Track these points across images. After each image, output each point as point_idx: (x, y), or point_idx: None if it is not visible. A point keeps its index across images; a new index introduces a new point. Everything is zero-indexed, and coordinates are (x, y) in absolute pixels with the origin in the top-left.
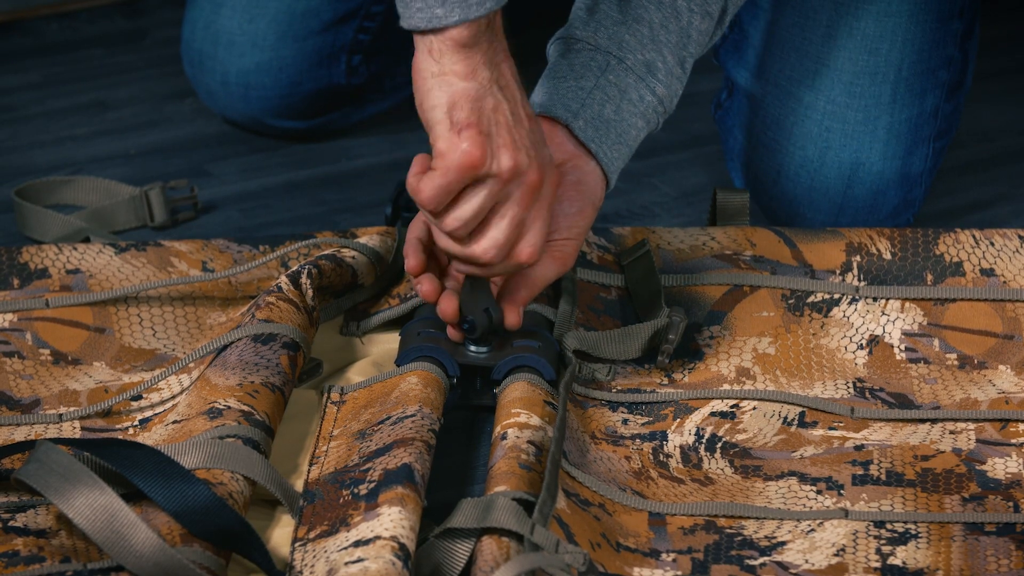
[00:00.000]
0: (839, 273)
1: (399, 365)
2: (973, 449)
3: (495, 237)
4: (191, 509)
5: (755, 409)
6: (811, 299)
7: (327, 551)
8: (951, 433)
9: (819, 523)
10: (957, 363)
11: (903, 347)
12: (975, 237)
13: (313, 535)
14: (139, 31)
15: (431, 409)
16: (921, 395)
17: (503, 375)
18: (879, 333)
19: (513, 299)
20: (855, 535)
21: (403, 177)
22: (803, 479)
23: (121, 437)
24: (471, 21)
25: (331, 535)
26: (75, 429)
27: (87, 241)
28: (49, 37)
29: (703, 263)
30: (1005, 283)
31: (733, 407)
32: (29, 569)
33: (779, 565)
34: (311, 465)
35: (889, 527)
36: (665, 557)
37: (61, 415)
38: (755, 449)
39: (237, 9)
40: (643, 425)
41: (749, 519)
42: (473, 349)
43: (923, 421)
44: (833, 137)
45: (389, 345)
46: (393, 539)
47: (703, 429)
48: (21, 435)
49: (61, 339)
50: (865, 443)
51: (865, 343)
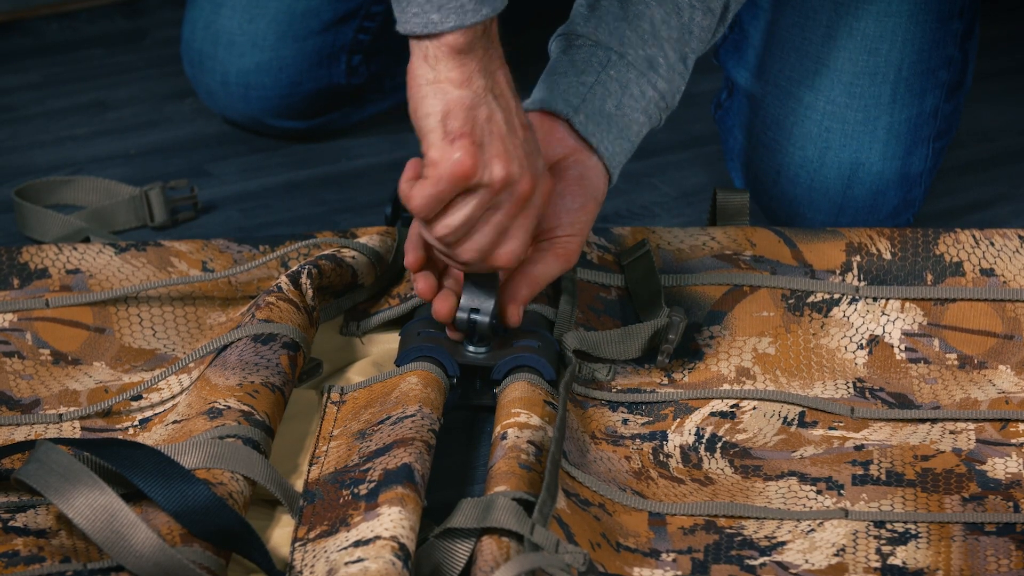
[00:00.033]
0: (839, 273)
1: (399, 365)
2: (973, 449)
3: (478, 242)
4: (191, 509)
5: (755, 409)
6: (811, 299)
7: (327, 551)
8: (951, 433)
9: (819, 523)
10: (957, 363)
11: (903, 347)
12: (975, 237)
13: (313, 535)
14: (139, 31)
15: (431, 409)
16: (921, 395)
17: (503, 375)
18: (879, 333)
19: (514, 297)
20: (855, 535)
21: None
22: (803, 479)
23: (121, 437)
24: (467, 27)
25: (331, 535)
26: (75, 429)
27: (87, 241)
28: (49, 37)
29: (703, 263)
30: (1005, 283)
31: (733, 407)
32: (29, 569)
33: (779, 565)
34: (311, 465)
35: (889, 527)
36: (665, 557)
37: (61, 415)
38: (755, 449)
39: (237, 9)
40: (643, 425)
41: (749, 519)
42: (472, 349)
43: (923, 421)
44: (833, 137)
45: (389, 345)
46: (393, 539)
47: (703, 429)
48: (21, 435)
49: (61, 339)
50: (865, 443)
51: (865, 343)
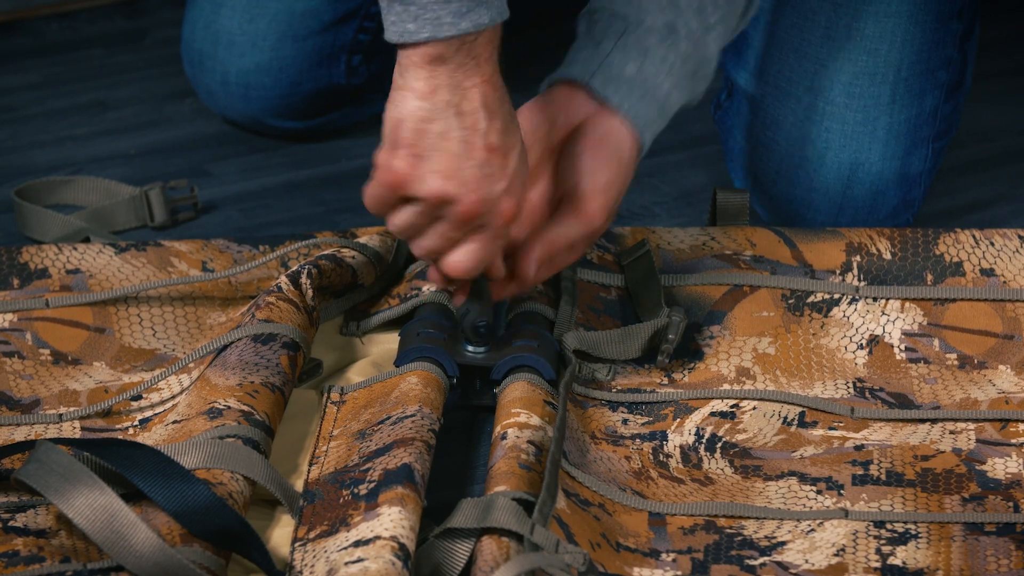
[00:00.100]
0: (839, 273)
1: (398, 365)
2: (973, 449)
3: (425, 245)
4: (191, 509)
5: (755, 409)
6: (811, 299)
7: (327, 551)
8: (951, 433)
9: (819, 523)
10: (957, 363)
11: (903, 347)
12: (975, 237)
13: (313, 535)
14: (139, 31)
15: (431, 409)
16: (921, 395)
17: (502, 375)
18: (879, 333)
19: (527, 256)
20: (855, 535)
21: None
22: (803, 479)
23: (121, 437)
24: (440, 40)
25: (331, 535)
26: (75, 429)
27: (87, 241)
28: (49, 37)
29: (703, 263)
30: (1005, 283)
31: (733, 407)
32: (29, 569)
33: (779, 565)
34: (311, 465)
35: (889, 527)
36: (665, 557)
37: (61, 415)
38: (755, 449)
39: (237, 9)
40: (643, 425)
41: (749, 519)
42: (472, 349)
43: (923, 421)
44: (832, 138)
45: (389, 345)
46: (393, 539)
47: (703, 429)
48: (21, 435)
49: (61, 339)
50: (865, 443)
51: (865, 343)
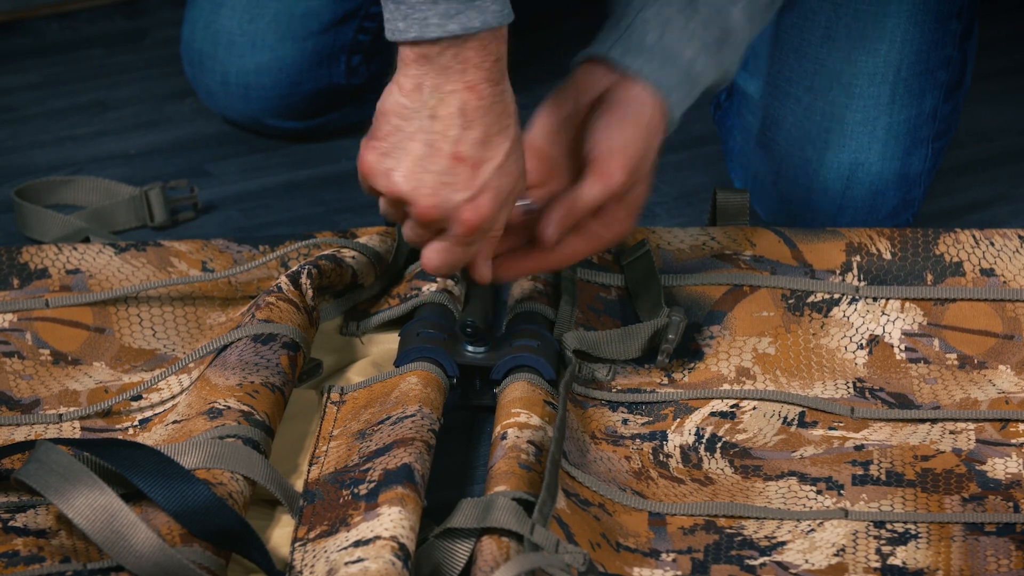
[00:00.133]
0: (839, 273)
1: (398, 366)
2: (973, 449)
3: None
4: (191, 509)
5: (755, 409)
6: (811, 299)
7: (327, 551)
8: (951, 433)
9: (819, 523)
10: (957, 363)
11: (903, 347)
12: (975, 237)
13: (313, 535)
14: (139, 31)
15: (431, 409)
16: (921, 395)
17: (502, 375)
18: (879, 333)
19: (548, 217)
20: (855, 535)
21: None
22: (803, 479)
23: (121, 437)
24: (426, 41)
25: (331, 535)
26: (75, 429)
27: (87, 241)
28: (49, 37)
29: (703, 263)
30: (1005, 283)
31: (733, 407)
32: (29, 569)
33: (779, 565)
34: (311, 465)
35: (889, 527)
36: (665, 557)
37: (61, 415)
38: (755, 449)
39: (237, 9)
40: (643, 425)
41: (749, 519)
42: (472, 349)
43: (923, 421)
44: (832, 138)
45: (389, 345)
46: (393, 539)
47: (703, 429)
48: (21, 435)
49: (61, 339)
50: (865, 443)
51: (865, 343)
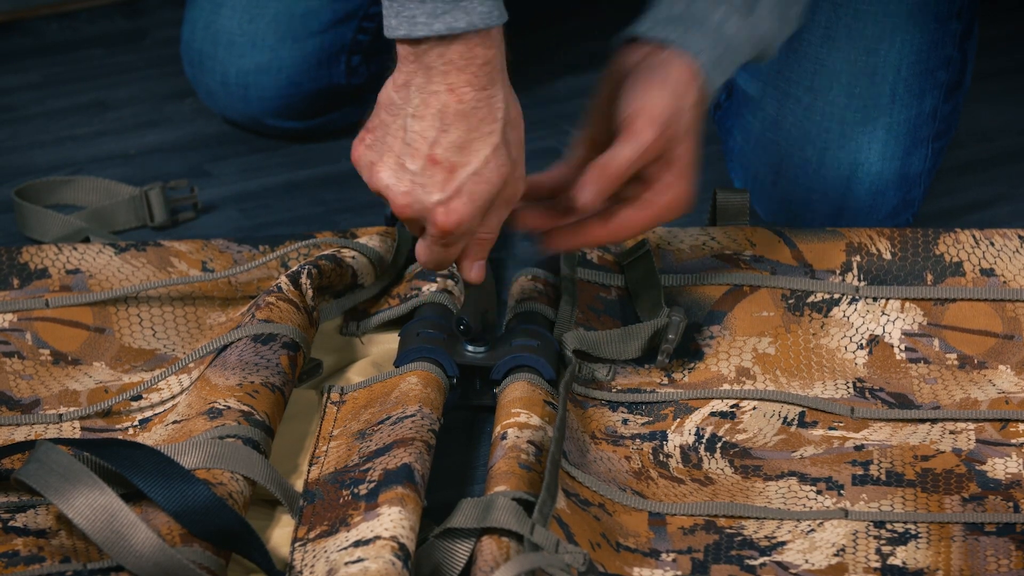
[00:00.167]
0: (839, 273)
1: (398, 366)
2: (973, 449)
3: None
4: (191, 509)
5: (755, 409)
6: (811, 299)
7: (327, 551)
8: (951, 433)
9: (819, 523)
10: (957, 363)
11: (903, 347)
12: (975, 237)
13: (313, 535)
14: (139, 31)
15: (431, 409)
16: (921, 395)
17: (502, 375)
18: (879, 333)
19: (582, 181)
20: (855, 535)
21: None
22: (803, 479)
23: (121, 437)
24: (413, 39)
25: (331, 535)
26: (75, 429)
27: (87, 241)
28: (49, 37)
29: (703, 263)
30: (1005, 283)
31: (733, 407)
32: (29, 569)
33: (779, 565)
34: (311, 465)
35: (889, 527)
36: (665, 557)
37: (61, 415)
38: (755, 449)
39: (237, 9)
40: (643, 425)
41: (749, 519)
42: (472, 349)
43: (923, 421)
44: (832, 138)
45: (389, 345)
46: (393, 539)
47: (703, 429)
48: (21, 435)
49: (61, 339)
50: (865, 443)
51: (865, 343)
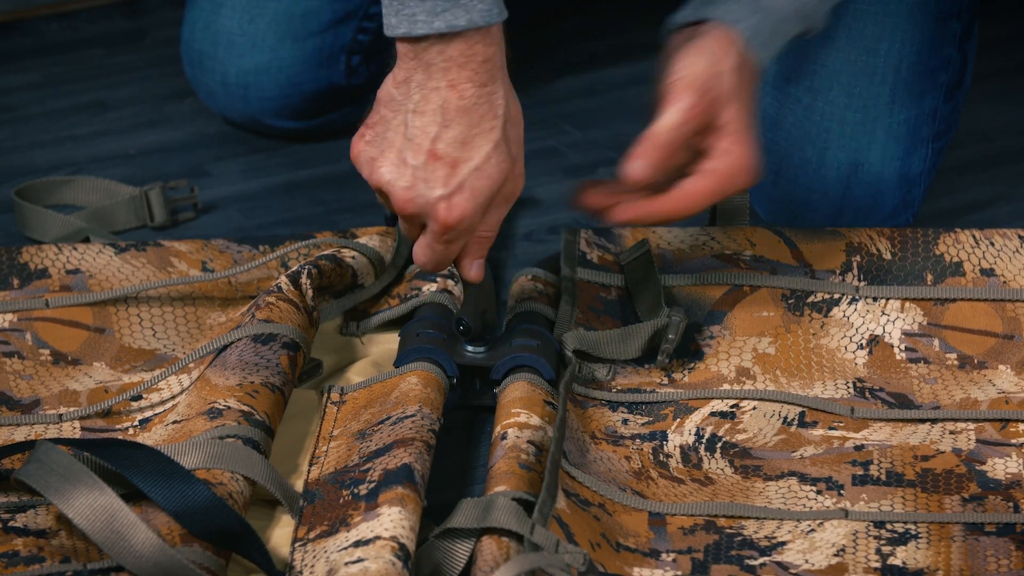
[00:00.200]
0: (839, 273)
1: (398, 366)
2: (973, 449)
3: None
4: (191, 509)
5: (755, 409)
6: (811, 299)
7: (327, 551)
8: (951, 433)
9: (819, 523)
10: (957, 363)
11: (903, 347)
12: (975, 237)
13: (313, 535)
14: (139, 31)
15: (431, 409)
16: (921, 395)
17: (502, 375)
18: (879, 333)
19: (632, 155)
20: (855, 535)
21: None
22: (803, 479)
23: (121, 437)
24: (414, 37)
25: (331, 535)
26: (75, 429)
27: (87, 241)
28: (49, 37)
29: (703, 263)
30: (1005, 283)
31: (733, 407)
32: (29, 569)
33: (779, 565)
34: (311, 465)
35: (889, 527)
36: (665, 557)
37: (61, 415)
38: (755, 449)
39: (237, 10)
40: (643, 425)
41: (749, 519)
42: (472, 349)
43: (923, 421)
44: (831, 138)
45: (389, 345)
46: (393, 539)
47: (703, 429)
48: (21, 435)
49: (61, 339)
50: (865, 443)
51: (865, 343)
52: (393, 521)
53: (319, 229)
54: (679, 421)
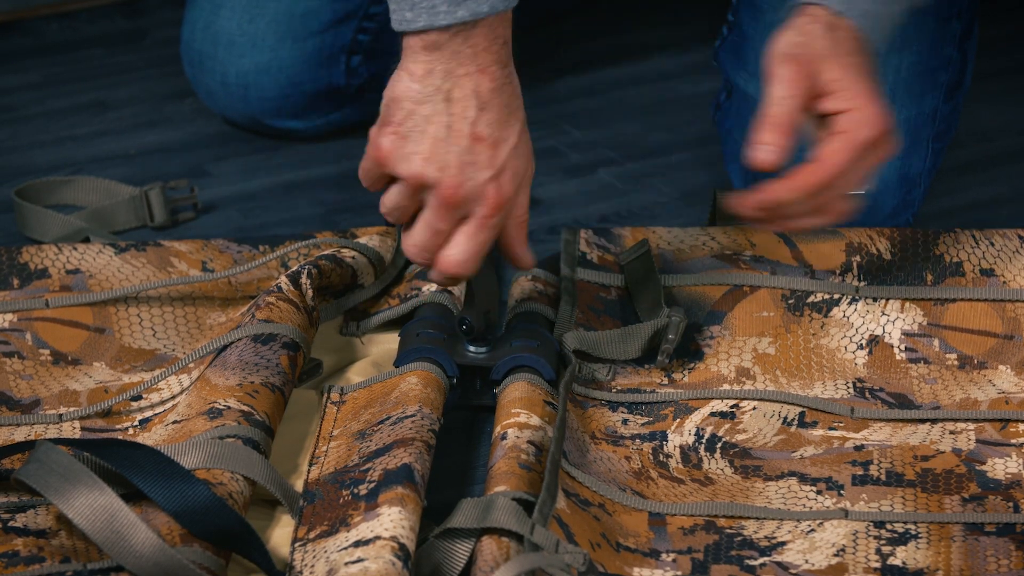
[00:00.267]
0: (839, 273)
1: (398, 366)
2: (973, 449)
3: (414, 236)
4: (191, 509)
5: (755, 409)
6: (811, 299)
7: (327, 551)
8: (951, 433)
9: (819, 523)
10: (957, 363)
11: (903, 347)
12: (975, 237)
13: (313, 535)
14: (139, 31)
15: (431, 409)
16: (921, 395)
17: (502, 375)
18: (879, 333)
19: (754, 141)
20: (855, 535)
21: None
22: (803, 479)
23: (121, 437)
24: (436, 28)
25: (331, 535)
26: (75, 429)
27: (87, 241)
28: (49, 37)
29: (703, 263)
30: (1005, 283)
31: (733, 407)
32: (29, 569)
33: (779, 565)
34: (311, 465)
35: (889, 527)
36: (665, 557)
37: (61, 415)
38: (755, 449)
39: (236, 10)
40: (643, 425)
41: (749, 519)
42: (472, 349)
43: (923, 421)
44: None
45: (389, 345)
46: (393, 539)
47: (703, 429)
48: (21, 435)
49: (61, 339)
50: (865, 443)
51: (865, 343)
52: (393, 521)
53: (319, 229)
54: (679, 421)
